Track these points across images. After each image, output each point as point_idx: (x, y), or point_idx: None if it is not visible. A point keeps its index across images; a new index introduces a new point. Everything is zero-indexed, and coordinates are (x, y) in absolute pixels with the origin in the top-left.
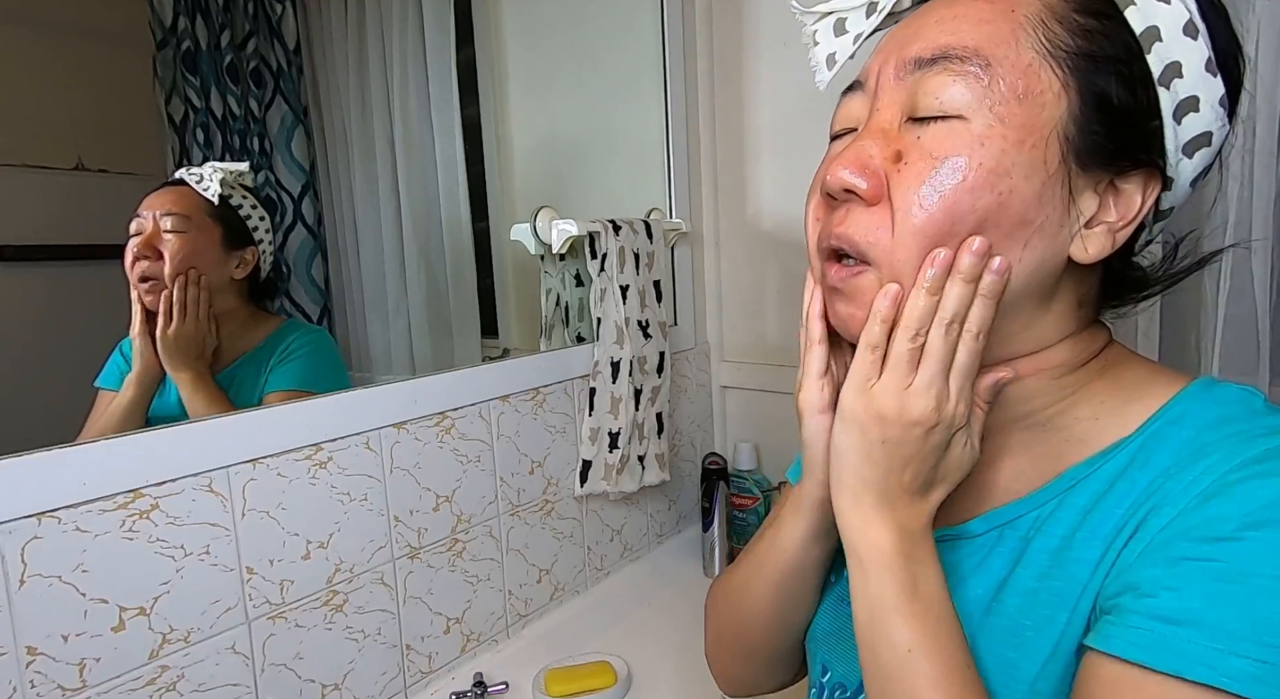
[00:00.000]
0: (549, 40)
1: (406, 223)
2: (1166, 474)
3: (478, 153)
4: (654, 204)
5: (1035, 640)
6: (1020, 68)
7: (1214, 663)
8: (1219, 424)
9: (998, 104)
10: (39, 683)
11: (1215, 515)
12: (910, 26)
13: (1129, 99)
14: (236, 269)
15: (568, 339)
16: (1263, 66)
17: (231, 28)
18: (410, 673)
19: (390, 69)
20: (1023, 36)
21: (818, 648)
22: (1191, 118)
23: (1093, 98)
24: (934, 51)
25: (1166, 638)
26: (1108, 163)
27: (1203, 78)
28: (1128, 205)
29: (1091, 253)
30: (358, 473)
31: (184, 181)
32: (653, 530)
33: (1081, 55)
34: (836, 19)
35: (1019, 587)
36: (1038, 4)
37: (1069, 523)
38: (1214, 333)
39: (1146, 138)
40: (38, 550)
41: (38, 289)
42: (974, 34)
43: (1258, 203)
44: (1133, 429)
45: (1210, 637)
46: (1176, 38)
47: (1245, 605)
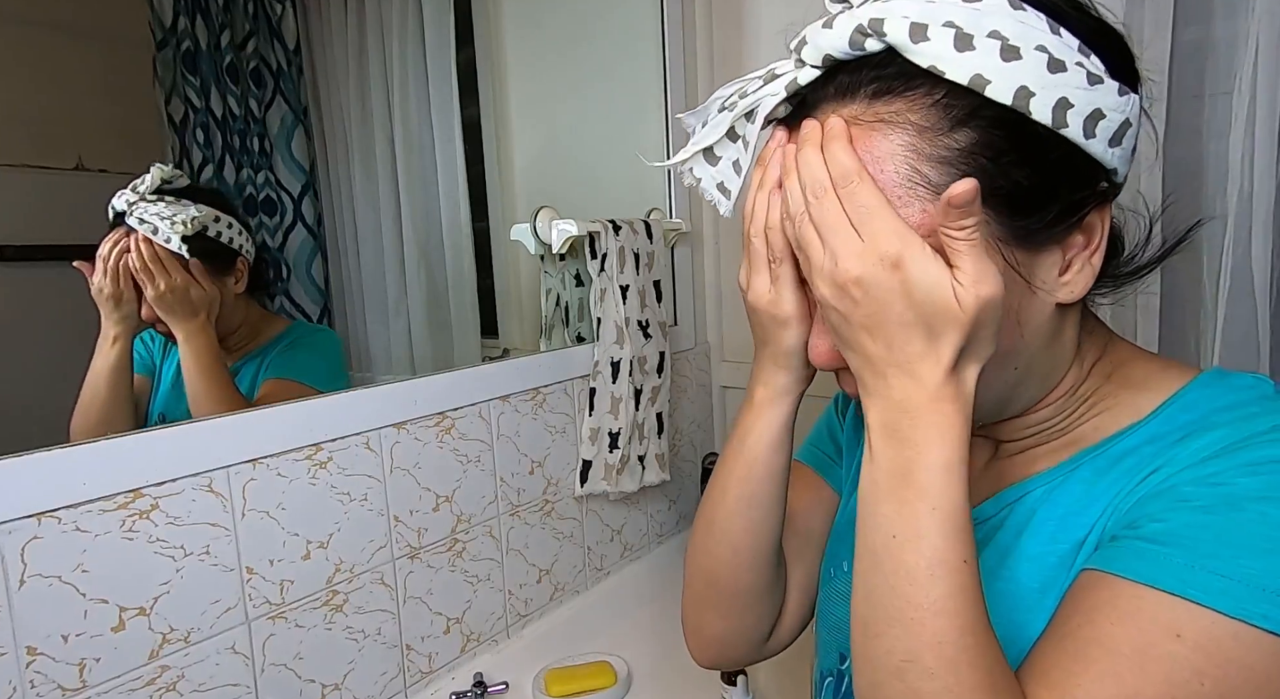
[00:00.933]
0: (549, 40)
1: (406, 223)
2: (1172, 442)
3: (478, 153)
4: (654, 204)
5: (1040, 601)
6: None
7: (1186, 577)
8: (1231, 407)
9: None
10: (39, 683)
11: (1214, 468)
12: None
13: (1035, 173)
14: (235, 285)
15: (568, 339)
16: (1263, 66)
17: (231, 28)
18: (410, 673)
19: (390, 69)
20: (910, 199)
21: (833, 636)
22: (1102, 124)
23: (1005, 199)
24: None
25: (1146, 553)
26: (1055, 228)
27: (1089, 92)
28: (1089, 233)
29: (1079, 290)
30: (358, 473)
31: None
32: (653, 530)
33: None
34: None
35: (1026, 553)
36: (903, 152)
37: (1076, 494)
38: (1214, 333)
39: (1076, 174)
40: (38, 550)
41: (37, 289)
42: None
43: (1258, 203)
44: (1144, 414)
45: (1186, 554)
46: (1047, 83)
47: (1223, 531)
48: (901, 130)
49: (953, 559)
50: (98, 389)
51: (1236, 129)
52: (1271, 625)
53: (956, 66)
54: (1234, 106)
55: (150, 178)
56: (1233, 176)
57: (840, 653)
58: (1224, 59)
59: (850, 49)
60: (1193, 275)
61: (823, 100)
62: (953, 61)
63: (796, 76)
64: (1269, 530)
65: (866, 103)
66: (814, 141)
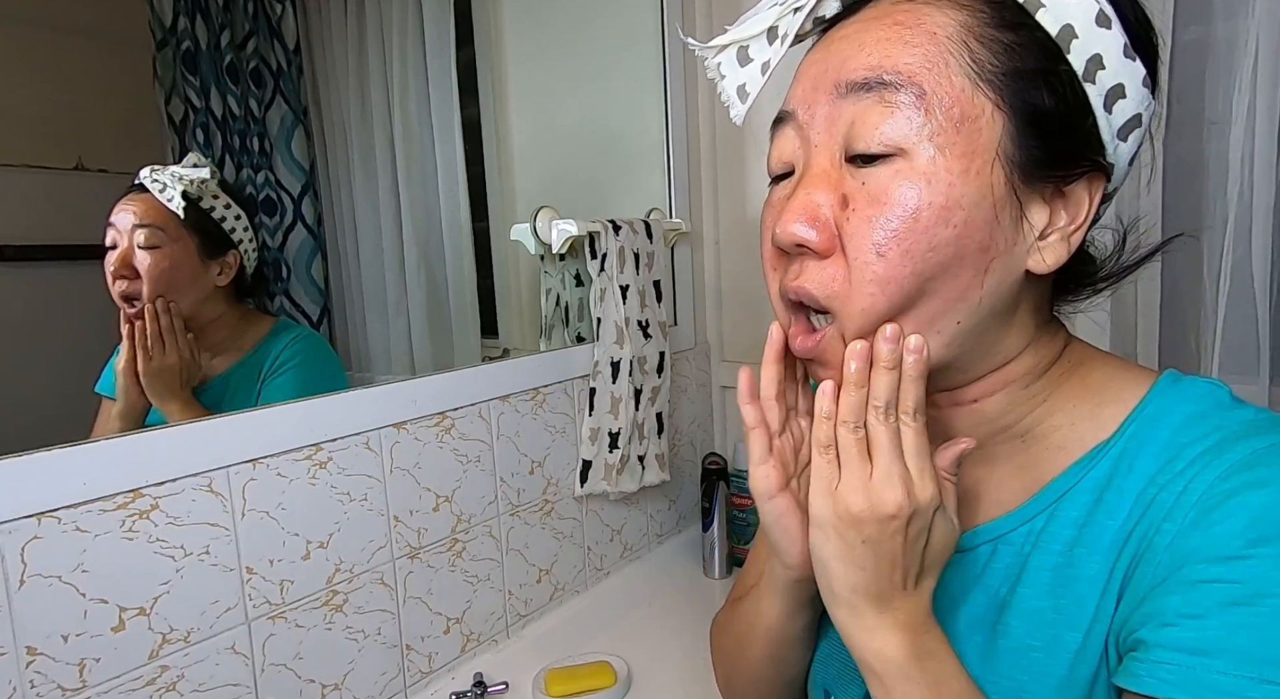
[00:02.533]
0: (549, 40)
1: (406, 223)
2: (1154, 483)
3: (478, 153)
4: (654, 204)
5: (1045, 662)
6: (954, 94)
7: (1245, 692)
8: (1193, 422)
9: (937, 134)
10: (39, 683)
11: (1220, 534)
12: (832, 51)
13: (1060, 106)
14: (219, 276)
15: (568, 339)
16: (1263, 67)
17: (231, 28)
18: (410, 673)
19: (390, 69)
20: (951, 60)
21: (817, 673)
22: (1121, 104)
23: (1026, 114)
24: (865, 74)
25: (1195, 670)
26: (1051, 172)
27: (1124, 64)
28: (1077, 207)
29: (1050, 262)
30: (358, 473)
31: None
32: (653, 530)
33: (1008, 74)
34: (738, 48)
35: (1023, 607)
36: (954, 24)
37: (1065, 538)
38: (1214, 333)
39: (1084, 137)
40: (38, 550)
41: (38, 289)
42: (904, 58)
43: (1258, 203)
44: (1110, 432)
45: (1236, 665)
46: (1091, 31)
47: (1265, 629)
48: (955, 9)
49: None
50: None
51: (1236, 129)
52: None
53: None
54: (1234, 106)
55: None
56: (1233, 176)
57: (824, 688)
58: (1224, 59)
59: None
60: (1193, 275)
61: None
62: None
63: None
64: None
65: None
66: (893, 363)
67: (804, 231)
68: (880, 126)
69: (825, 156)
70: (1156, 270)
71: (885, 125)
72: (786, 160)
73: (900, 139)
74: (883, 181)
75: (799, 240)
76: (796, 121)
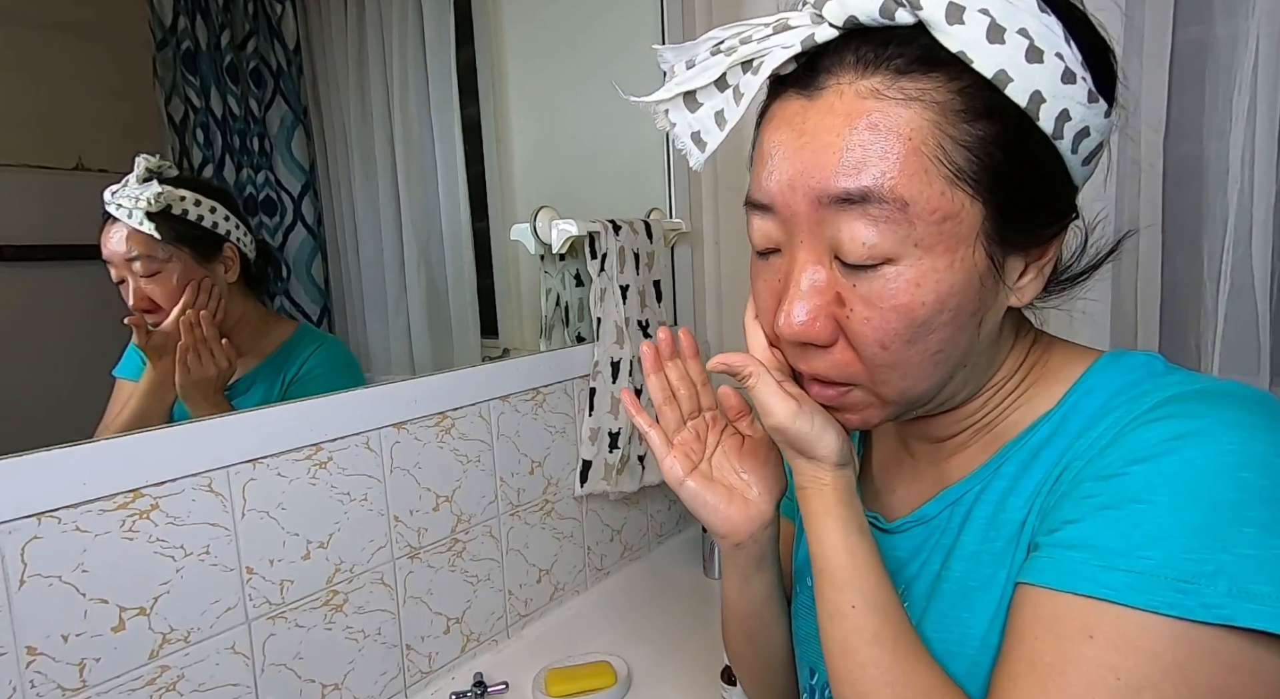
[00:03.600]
0: (549, 40)
1: (406, 223)
2: (1079, 435)
3: (478, 153)
4: (654, 204)
5: (981, 598)
6: (935, 200)
7: (1097, 577)
8: (1125, 389)
9: (922, 239)
10: (39, 683)
11: (1110, 460)
12: (805, 146)
13: (1037, 182)
14: (226, 274)
15: (568, 339)
16: (1263, 67)
17: (231, 28)
18: (410, 673)
19: (390, 69)
20: (930, 167)
21: (802, 651)
22: (1085, 141)
23: (1003, 199)
24: (847, 187)
25: (1062, 561)
26: (1039, 235)
27: (1087, 109)
28: (1045, 244)
29: (1028, 297)
30: (358, 473)
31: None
32: (653, 530)
33: (981, 171)
34: (684, 95)
35: (963, 552)
36: (928, 125)
37: (1000, 489)
38: (1214, 333)
39: (1056, 189)
40: (38, 550)
41: (38, 289)
42: (885, 171)
43: (1258, 203)
44: (1054, 403)
45: (1095, 556)
46: (1058, 92)
47: (1123, 527)
48: (928, 107)
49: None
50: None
51: (1236, 129)
52: (1175, 611)
53: (984, 58)
54: (1234, 106)
55: (137, 170)
56: (1233, 176)
57: (809, 666)
58: (1224, 59)
59: (879, 17)
60: (1193, 275)
61: (839, 66)
62: (982, 52)
63: (814, 33)
64: (1160, 517)
65: (891, 78)
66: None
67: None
68: (866, 241)
69: (814, 256)
70: (1156, 270)
71: (872, 239)
72: (773, 241)
73: (888, 250)
74: (875, 287)
75: (807, 339)
76: (779, 216)
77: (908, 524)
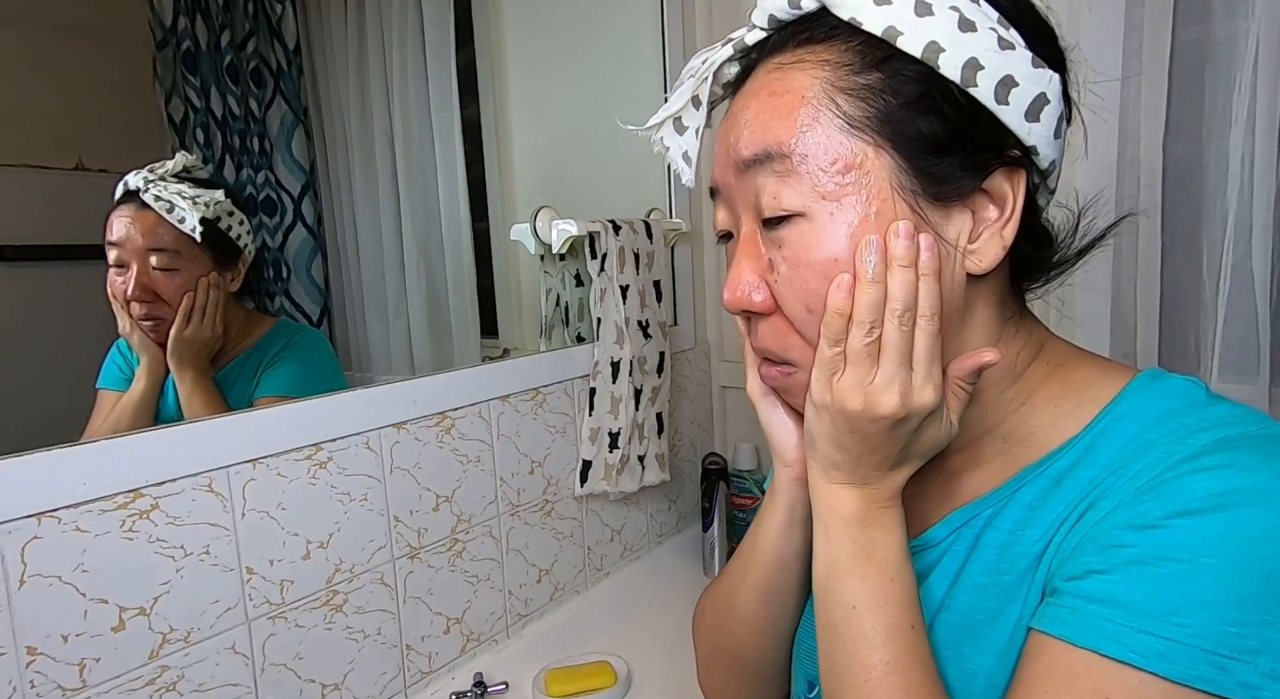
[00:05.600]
0: (549, 40)
1: (406, 223)
2: (1110, 469)
3: (478, 153)
4: (654, 204)
5: (987, 633)
6: (831, 148)
7: (1126, 640)
8: (1163, 419)
9: (828, 192)
10: (39, 683)
11: (1145, 509)
12: (728, 128)
13: (942, 123)
14: (231, 283)
15: (568, 339)
16: (1263, 67)
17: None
18: (410, 673)
19: (390, 69)
20: (821, 118)
21: (801, 663)
22: (1015, 92)
23: (908, 143)
24: (752, 151)
25: (1088, 615)
26: (961, 181)
27: (1002, 56)
28: (1001, 201)
29: (988, 261)
30: (358, 473)
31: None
32: (653, 530)
33: (878, 117)
34: (673, 121)
35: (969, 582)
36: (819, 83)
37: (1015, 518)
38: (1214, 333)
39: (985, 135)
40: (38, 550)
41: (38, 289)
42: (779, 129)
43: (1258, 203)
44: (1083, 426)
45: (1125, 615)
46: (956, 40)
47: (1160, 587)
48: (819, 67)
49: (903, 625)
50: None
51: (1236, 129)
52: (1210, 688)
53: (872, 18)
54: (1234, 106)
55: (174, 163)
56: (1233, 176)
57: (808, 680)
58: (1224, 59)
59: (789, 9)
60: (1193, 275)
61: (761, 58)
62: (870, 13)
63: (745, 37)
64: (1203, 580)
65: (793, 51)
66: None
67: (743, 301)
68: (776, 195)
69: (748, 226)
70: (1156, 270)
71: (780, 194)
72: (724, 227)
73: (796, 204)
74: (793, 245)
75: (741, 306)
76: (723, 196)
77: (915, 547)
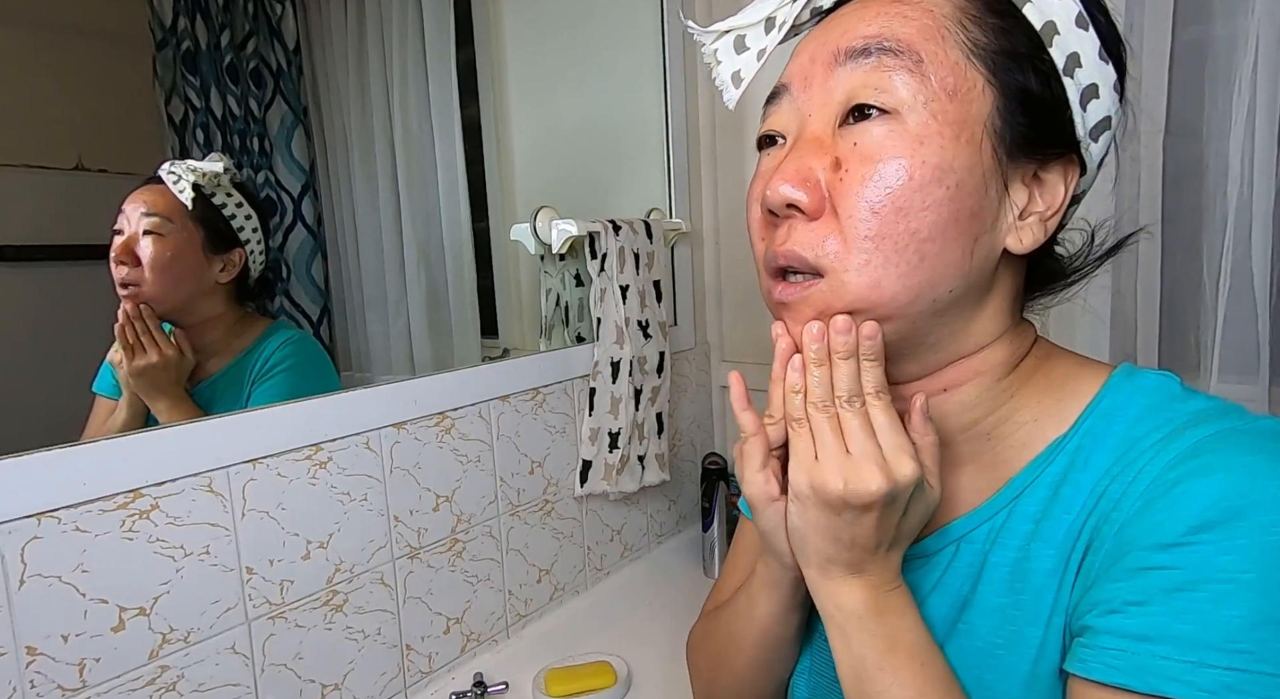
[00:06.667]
0: (549, 40)
1: (406, 223)
2: (1108, 475)
3: (478, 153)
4: (654, 204)
5: (1008, 659)
6: (949, 65)
7: (1189, 678)
8: (1145, 415)
9: (931, 100)
10: (39, 683)
11: (1163, 522)
12: (831, 27)
13: (1044, 91)
14: (221, 272)
15: (568, 339)
16: (1263, 66)
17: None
18: (410, 673)
19: (390, 69)
20: (947, 35)
21: (798, 685)
22: (1094, 104)
23: (1014, 92)
24: (865, 42)
25: (1140, 656)
26: (1032, 153)
27: (1098, 66)
28: (1053, 194)
29: (1026, 243)
30: (358, 473)
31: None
32: (653, 530)
33: (999, 52)
34: (735, 37)
35: (984, 605)
36: (950, 5)
37: (1022, 533)
38: (1214, 333)
39: (1062, 127)
40: (38, 550)
41: (38, 289)
42: (903, 29)
43: (1258, 203)
44: (1068, 426)
45: (1181, 650)
46: (1071, 30)
47: (1207, 614)
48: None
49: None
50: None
51: (1236, 129)
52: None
53: None
54: (1234, 106)
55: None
56: (1232, 176)
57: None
58: (1224, 59)
59: None
60: (1193, 275)
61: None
62: None
63: None
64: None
65: None
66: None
67: (794, 192)
68: (878, 85)
69: (818, 123)
70: (1156, 270)
71: (886, 86)
72: (778, 126)
73: (896, 101)
74: (877, 139)
75: (789, 200)
76: (790, 94)
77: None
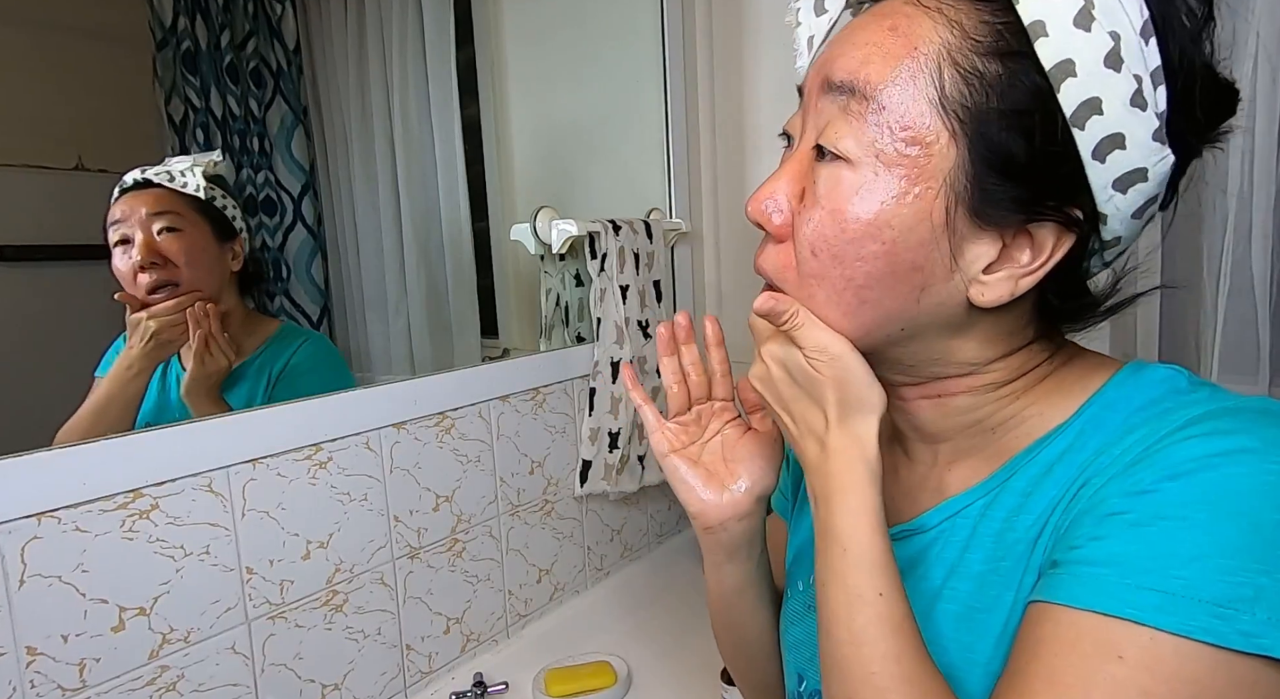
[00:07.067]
0: (549, 40)
1: (406, 223)
2: (1099, 452)
3: (478, 153)
4: (654, 204)
5: (986, 620)
6: (911, 116)
7: (1123, 596)
8: (1148, 405)
9: (883, 153)
10: (39, 683)
11: (1138, 476)
12: (839, 40)
13: (1028, 152)
14: (232, 262)
15: (568, 339)
16: (1262, 67)
17: (231, 28)
18: (410, 673)
19: (390, 69)
20: (920, 79)
21: (791, 657)
22: (1118, 155)
23: (986, 152)
24: (841, 77)
25: (1083, 578)
26: (1012, 212)
27: (1128, 112)
28: (1038, 252)
29: (989, 299)
30: (358, 473)
31: (152, 182)
32: (653, 530)
33: (976, 110)
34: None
35: (968, 571)
36: (939, 44)
37: (1010, 505)
38: (1214, 333)
39: (1059, 182)
40: (38, 550)
41: (38, 289)
42: (875, 69)
43: (1258, 203)
44: (1070, 414)
45: (1121, 573)
46: (1095, 72)
47: (1153, 544)
48: (949, 27)
49: (867, 593)
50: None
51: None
52: (1212, 638)
53: (1029, 2)
54: None
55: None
56: (1233, 176)
57: (798, 673)
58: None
59: None
60: (1193, 275)
61: None
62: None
63: None
64: (1196, 535)
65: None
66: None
67: (760, 216)
68: (838, 131)
69: (806, 145)
70: (1156, 271)
71: (843, 131)
72: (793, 127)
73: (849, 149)
74: (828, 185)
75: (756, 220)
76: (802, 101)
77: (905, 532)
